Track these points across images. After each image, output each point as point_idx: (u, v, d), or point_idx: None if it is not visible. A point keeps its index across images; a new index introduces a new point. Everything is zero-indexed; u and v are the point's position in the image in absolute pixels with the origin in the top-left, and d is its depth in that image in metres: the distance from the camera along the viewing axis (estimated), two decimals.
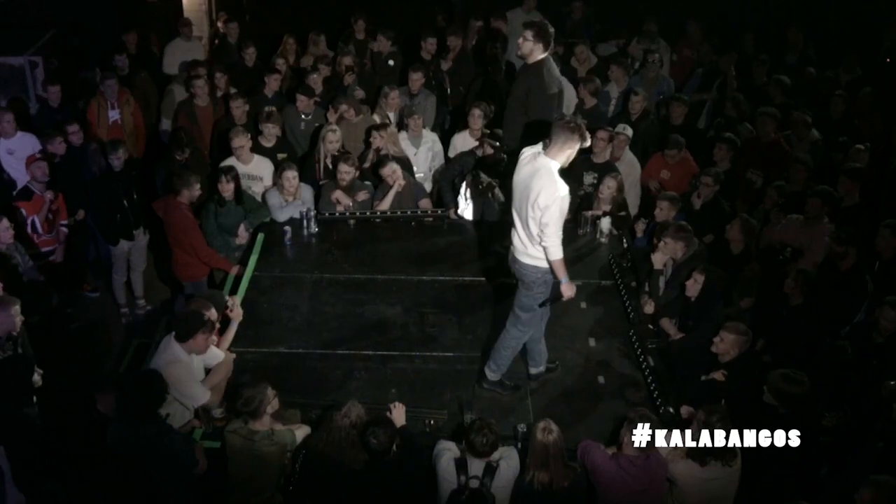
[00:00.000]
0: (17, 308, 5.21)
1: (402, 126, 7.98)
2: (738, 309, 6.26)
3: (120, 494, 4.57)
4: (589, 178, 7.43)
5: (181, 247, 6.74)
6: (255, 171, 7.32)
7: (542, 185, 4.58)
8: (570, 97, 7.73)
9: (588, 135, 4.73)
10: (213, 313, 5.22)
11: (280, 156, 7.59)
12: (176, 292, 7.44)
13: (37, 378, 5.12)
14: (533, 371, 5.41)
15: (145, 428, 4.50)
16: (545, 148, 4.71)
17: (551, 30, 5.79)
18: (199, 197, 6.84)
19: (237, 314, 5.55)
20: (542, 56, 5.76)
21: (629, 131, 7.69)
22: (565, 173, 4.72)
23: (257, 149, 7.55)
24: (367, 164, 7.51)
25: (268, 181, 7.35)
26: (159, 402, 4.58)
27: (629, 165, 7.63)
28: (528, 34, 5.72)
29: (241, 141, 7.17)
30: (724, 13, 10.39)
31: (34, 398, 5.08)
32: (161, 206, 6.86)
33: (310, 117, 8.04)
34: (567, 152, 4.66)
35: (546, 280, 4.89)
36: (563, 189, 4.61)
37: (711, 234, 6.80)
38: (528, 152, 4.82)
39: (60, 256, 7.25)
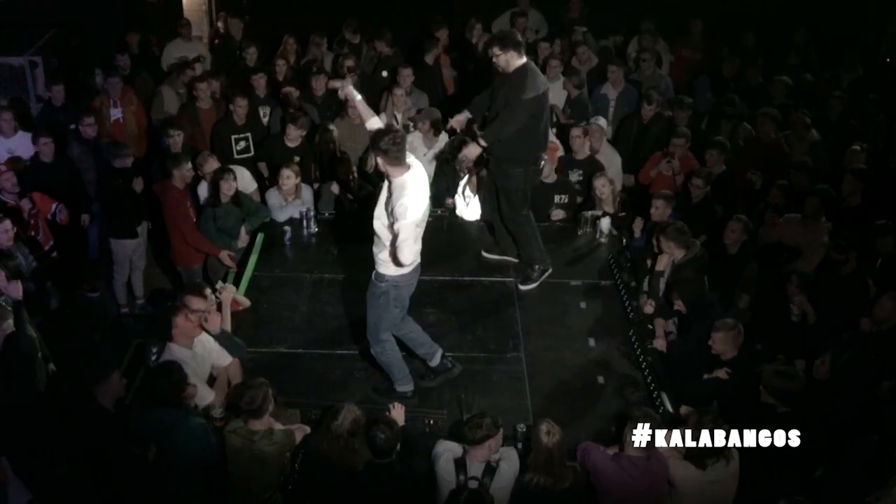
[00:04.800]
0: None
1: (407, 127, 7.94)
2: (737, 310, 6.25)
3: (125, 485, 4.60)
4: (574, 176, 7.53)
5: (176, 231, 6.80)
6: None
7: None
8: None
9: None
10: (200, 301, 5.22)
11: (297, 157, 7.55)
12: (176, 291, 7.43)
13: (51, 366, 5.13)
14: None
15: (168, 413, 4.54)
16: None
17: (516, 35, 5.74)
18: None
19: (227, 296, 5.54)
20: (520, 62, 5.67)
21: (602, 121, 7.75)
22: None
23: (283, 149, 7.53)
24: (370, 168, 7.41)
25: (248, 190, 7.27)
26: (180, 388, 4.62)
27: (608, 159, 7.71)
28: (495, 49, 5.66)
29: (213, 164, 6.99)
30: (725, 13, 10.36)
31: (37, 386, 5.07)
32: (159, 188, 6.98)
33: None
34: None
35: None
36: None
37: (704, 234, 6.78)
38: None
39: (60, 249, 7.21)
